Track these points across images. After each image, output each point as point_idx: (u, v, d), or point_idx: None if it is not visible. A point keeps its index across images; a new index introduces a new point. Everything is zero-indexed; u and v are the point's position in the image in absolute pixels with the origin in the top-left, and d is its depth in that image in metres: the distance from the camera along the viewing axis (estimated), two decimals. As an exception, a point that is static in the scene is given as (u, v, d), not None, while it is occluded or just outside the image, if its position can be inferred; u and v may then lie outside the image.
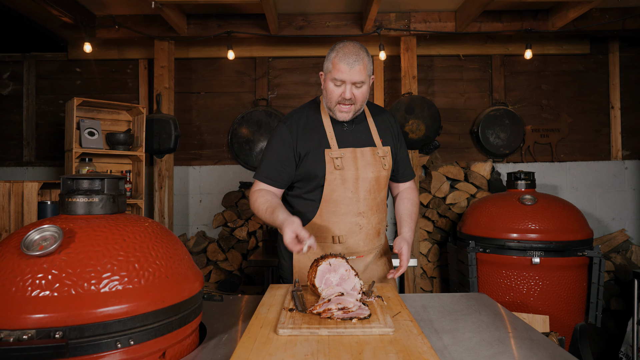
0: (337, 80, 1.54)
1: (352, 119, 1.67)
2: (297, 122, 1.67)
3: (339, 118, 1.62)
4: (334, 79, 1.55)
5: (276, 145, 1.65)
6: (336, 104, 1.59)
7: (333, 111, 1.62)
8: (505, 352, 1.06)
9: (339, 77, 1.54)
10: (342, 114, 1.61)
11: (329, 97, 1.60)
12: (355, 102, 1.59)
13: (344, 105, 1.58)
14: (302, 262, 1.66)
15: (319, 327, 1.04)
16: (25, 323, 0.81)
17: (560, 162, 4.22)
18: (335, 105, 1.59)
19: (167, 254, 1.02)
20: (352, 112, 1.61)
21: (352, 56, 1.52)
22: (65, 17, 3.35)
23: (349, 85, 1.55)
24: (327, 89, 1.59)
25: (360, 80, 1.55)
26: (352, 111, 1.61)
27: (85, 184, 1.04)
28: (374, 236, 1.69)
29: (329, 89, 1.58)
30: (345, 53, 1.53)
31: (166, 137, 3.69)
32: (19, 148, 4.20)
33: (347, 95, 1.55)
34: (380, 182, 1.67)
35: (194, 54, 4.18)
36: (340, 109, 1.59)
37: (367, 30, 3.71)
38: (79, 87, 4.21)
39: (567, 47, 4.22)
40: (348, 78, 1.53)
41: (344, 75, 1.53)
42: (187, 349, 1.06)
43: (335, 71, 1.54)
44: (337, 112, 1.61)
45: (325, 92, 1.61)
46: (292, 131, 1.64)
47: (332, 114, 1.63)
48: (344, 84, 1.55)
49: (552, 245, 2.80)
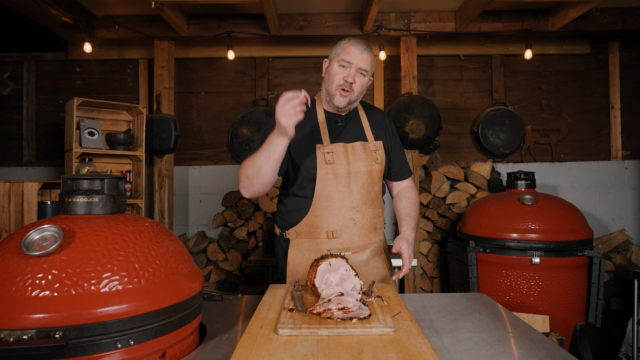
0: (344, 61, 1.60)
1: (346, 112, 1.70)
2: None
3: (337, 103, 1.64)
4: (342, 60, 1.61)
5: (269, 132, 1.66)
6: (337, 88, 1.62)
7: (333, 95, 1.64)
8: (505, 352, 1.06)
9: (347, 59, 1.60)
10: (342, 99, 1.64)
11: (331, 79, 1.63)
12: (354, 90, 1.63)
13: (344, 90, 1.62)
14: (296, 261, 1.66)
15: (319, 327, 1.04)
16: (25, 323, 0.80)
17: (560, 162, 4.22)
18: (336, 89, 1.63)
19: (167, 254, 1.02)
20: (349, 100, 1.64)
21: (363, 45, 1.62)
22: (65, 17, 3.35)
23: (354, 69, 1.61)
24: (331, 71, 1.64)
25: (365, 69, 1.62)
26: (348, 98, 1.64)
27: (85, 184, 1.04)
28: (369, 231, 1.68)
29: (334, 71, 1.63)
30: (357, 41, 1.63)
31: (166, 137, 3.69)
32: (19, 148, 4.20)
33: (350, 78, 1.61)
34: (373, 176, 1.68)
35: (194, 54, 4.18)
36: (340, 93, 1.63)
37: (367, 30, 3.72)
38: (79, 87, 4.21)
39: (567, 47, 4.22)
40: (356, 62, 1.60)
41: (353, 58, 1.60)
42: (187, 349, 1.06)
43: (344, 53, 1.61)
44: (337, 96, 1.63)
45: (328, 76, 1.65)
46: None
47: (331, 99, 1.65)
48: (350, 67, 1.61)
49: (552, 245, 2.80)
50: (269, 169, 1.46)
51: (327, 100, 1.68)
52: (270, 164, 1.44)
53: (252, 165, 1.48)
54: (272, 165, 1.45)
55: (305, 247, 1.66)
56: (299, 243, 1.67)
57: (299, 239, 1.67)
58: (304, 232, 1.66)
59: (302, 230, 1.66)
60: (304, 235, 1.66)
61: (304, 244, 1.66)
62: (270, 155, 1.43)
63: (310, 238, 1.65)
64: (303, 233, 1.66)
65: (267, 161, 1.44)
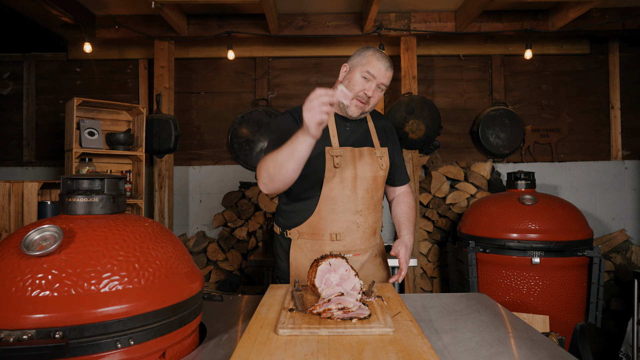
0: (369, 74, 1.60)
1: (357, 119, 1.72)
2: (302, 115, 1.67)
3: (351, 112, 1.65)
4: (367, 72, 1.60)
5: (281, 125, 1.67)
6: (354, 97, 1.63)
7: (348, 105, 1.65)
8: (505, 352, 1.06)
9: (373, 72, 1.60)
10: (356, 109, 1.64)
11: (351, 88, 1.63)
12: (369, 103, 1.64)
13: (360, 101, 1.63)
14: (299, 260, 1.66)
15: (319, 327, 1.04)
16: (25, 323, 0.81)
17: (560, 162, 4.22)
18: (353, 99, 1.63)
19: (167, 254, 1.02)
20: (362, 111, 1.66)
21: (388, 62, 1.64)
22: (65, 17, 3.35)
23: (375, 83, 1.62)
24: (353, 79, 1.63)
25: (384, 85, 1.64)
26: (362, 109, 1.65)
27: (85, 184, 1.04)
28: (370, 235, 1.71)
29: (356, 80, 1.63)
30: (383, 57, 1.63)
31: (166, 137, 3.69)
32: (19, 148, 4.20)
33: (370, 92, 1.61)
34: (377, 181, 1.70)
35: (194, 54, 4.18)
36: (357, 104, 1.63)
37: (367, 30, 3.71)
38: (79, 87, 4.21)
39: (567, 47, 4.22)
40: (379, 78, 1.61)
41: (378, 74, 1.60)
42: (187, 349, 1.06)
43: (370, 66, 1.61)
44: (352, 106, 1.64)
45: (348, 83, 1.65)
46: (297, 120, 1.66)
47: (345, 107, 1.66)
48: (373, 81, 1.61)
49: (552, 245, 2.80)
50: (291, 167, 1.38)
51: (339, 106, 1.69)
52: (292, 163, 1.37)
53: (274, 162, 1.40)
54: (295, 165, 1.37)
55: (308, 247, 1.66)
56: (301, 243, 1.67)
57: (301, 239, 1.67)
58: (307, 233, 1.66)
59: (305, 231, 1.66)
60: (307, 236, 1.66)
61: (306, 245, 1.66)
62: (293, 152, 1.35)
63: (313, 239, 1.65)
64: (306, 234, 1.66)
65: (289, 159, 1.36)
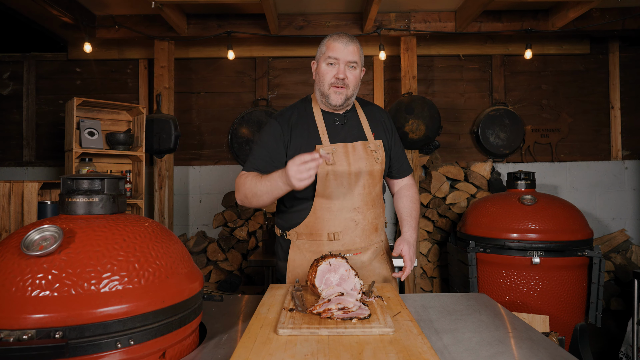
0: (331, 58, 1.58)
1: (344, 111, 1.68)
2: (288, 118, 1.66)
3: (332, 101, 1.61)
4: (328, 57, 1.58)
5: (267, 138, 1.66)
6: (329, 87, 1.60)
7: (327, 95, 1.61)
8: (505, 352, 1.06)
9: (333, 55, 1.58)
10: (336, 96, 1.60)
11: (322, 79, 1.61)
12: (348, 86, 1.60)
13: (337, 87, 1.60)
14: (297, 262, 1.65)
15: (319, 327, 1.04)
16: (25, 323, 0.80)
17: (560, 162, 4.22)
18: (329, 88, 1.60)
19: (167, 254, 1.02)
20: (344, 96, 1.61)
21: (346, 37, 1.60)
22: (65, 17, 3.35)
23: (342, 64, 1.58)
24: (320, 71, 1.62)
25: (353, 60, 1.58)
26: (344, 94, 1.61)
27: (85, 184, 1.04)
28: (370, 232, 1.66)
29: (322, 71, 1.61)
30: (340, 36, 1.60)
31: (166, 137, 3.69)
32: (19, 148, 4.20)
33: (341, 74, 1.58)
34: (374, 176, 1.65)
35: (194, 54, 4.18)
36: (335, 90, 1.60)
37: (367, 30, 3.72)
38: (79, 87, 4.21)
39: (567, 47, 4.22)
40: (342, 56, 1.57)
41: (339, 53, 1.57)
42: (187, 349, 1.06)
43: (329, 50, 1.59)
44: (331, 95, 1.61)
45: (319, 77, 1.63)
46: (283, 126, 1.64)
47: (326, 99, 1.63)
48: (338, 63, 1.58)
49: (552, 245, 2.80)
50: (267, 200, 1.51)
51: (322, 101, 1.66)
52: (269, 199, 1.50)
53: (253, 190, 1.51)
54: (271, 200, 1.50)
55: (306, 248, 1.64)
56: (300, 244, 1.65)
57: (299, 240, 1.65)
58: (304, 234, 1.64)
59: (303, 232, 1.64)
60: (305, 237, 1.64)
61: (305, 246, 1.64)
62: (271, 191, 1.46)
63: (311, 240, 1.63)
64: (304, 234, 1.64)
65: (267, 195, 1.48)
